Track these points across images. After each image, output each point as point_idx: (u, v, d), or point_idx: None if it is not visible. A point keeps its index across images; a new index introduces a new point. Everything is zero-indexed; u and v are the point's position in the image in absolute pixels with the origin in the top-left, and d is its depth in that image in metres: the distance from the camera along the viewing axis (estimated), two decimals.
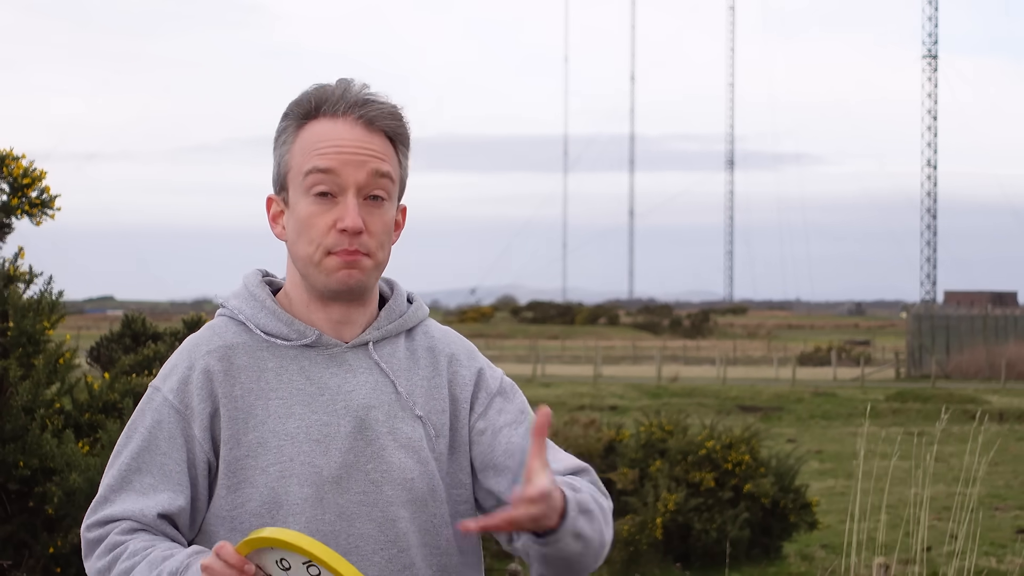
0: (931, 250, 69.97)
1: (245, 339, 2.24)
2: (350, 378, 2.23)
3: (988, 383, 38.12)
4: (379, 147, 2.21)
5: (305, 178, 2.19)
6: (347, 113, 2.21)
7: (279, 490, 2.16)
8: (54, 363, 5.81)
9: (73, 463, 5.50)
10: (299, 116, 2.23)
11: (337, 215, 2.17)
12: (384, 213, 2.21)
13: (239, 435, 2.18)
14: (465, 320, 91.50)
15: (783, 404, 30.81)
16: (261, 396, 2.20)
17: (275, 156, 2.26)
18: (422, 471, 2.22)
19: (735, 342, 70.28)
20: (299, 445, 2.17)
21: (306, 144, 2.20)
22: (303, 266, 2.22)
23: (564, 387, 34.71)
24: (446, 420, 2.28)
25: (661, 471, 12.05)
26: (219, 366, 2.21)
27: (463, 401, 2.29)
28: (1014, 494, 16.44)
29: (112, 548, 2.13)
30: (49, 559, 5.62)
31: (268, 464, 2.17)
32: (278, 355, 2.23)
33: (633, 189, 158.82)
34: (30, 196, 5.89)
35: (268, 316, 2.25)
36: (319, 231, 2.18)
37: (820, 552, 12.56)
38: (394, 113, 2.24)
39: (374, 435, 2.21)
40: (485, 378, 2.32)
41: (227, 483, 2.18)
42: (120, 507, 2.15)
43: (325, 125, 2.20)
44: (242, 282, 2.32)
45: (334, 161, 2.18)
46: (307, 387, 2.21)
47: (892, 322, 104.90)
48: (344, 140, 2.19)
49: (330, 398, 2.21)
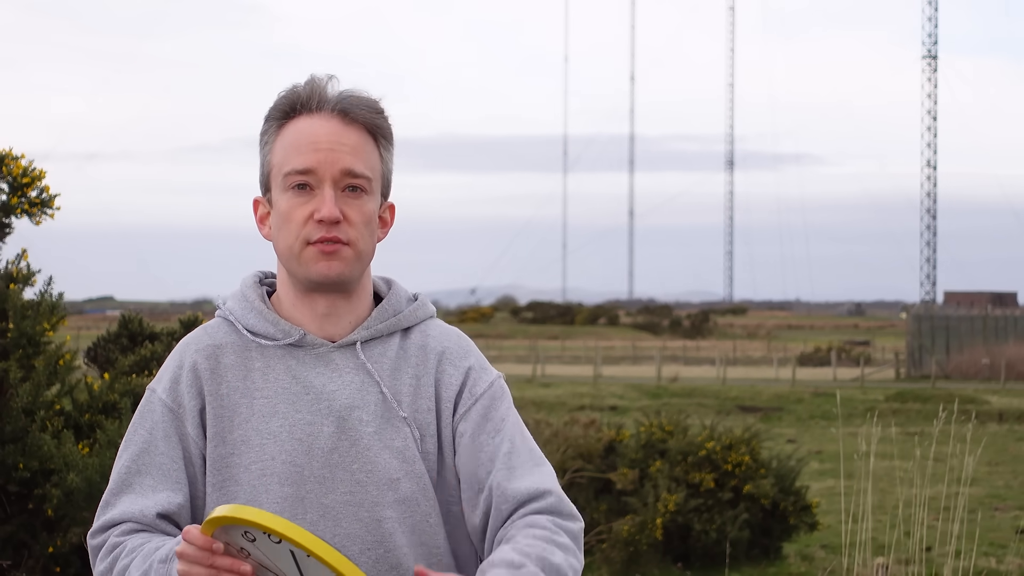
0: (931, 250, 69.97)
1: (234, 339, 2.27)
2: (335, 378, 2.23)
3: (988, 383, 38.11)
4: (356, 140, 2.22)
5: (285, 178, 2.22)
6: (322, 108, 2.23)
7: (260, 488, 2.18)
8: (54, 365, 5.80)
9: (72, 463, 5.49)
10: (279, 117, 2.25)
11: (315, 206, 2.19)
12: (363, 204, 2.22)
13: (224, 433, 2.21)
14: (465, 320, 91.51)
15: (783, 404, 30.81)
16: (247, 395, 2.22)
17: (260, 158, 2.29)
18: (408, 471, 2.22)
19: (735, 342, 70.28)
20: (281, 444, 2.19)
21: (285, 143, 2.23)
22: (286, 260, 2.24)
23: (564, 387, 34.70)
24: (432, 419, 2.27)
25: (661, 471, 12.05)
26: (206, 364, 2.24)
27: (447, 400, 2.28)
28: (1014, 494, 16.43)
29: (112, 549, 2.16)
30: (49, 559, 5.62)
31: (251, 462, 2.19)
32: (265, 355, 2.25)
33: (633, 189, 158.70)
34: (29, 196, 5.89)
35: (255, 316, 2.27)
36: (297, 223, 2.20)
37: (820, 552, 12.55)
38: (372, 106, 2.25)
39: (358, 435, 2.21)
40: (472, 378, 2.30)
41: (213, 480, 2.21)
42: (119, 510, 2.19)
43: (303, 123, 2.23)
44: (239, 283, 2.34)
45: (311, 158, 2.20)
46: (292, 386, 2.22)
47: (892, 322, 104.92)
48: (320, 134, 2.21)
49: (314, 398, 2.22)
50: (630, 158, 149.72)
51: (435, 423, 2.27)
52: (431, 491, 2.24)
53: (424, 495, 2.23)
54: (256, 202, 2.31)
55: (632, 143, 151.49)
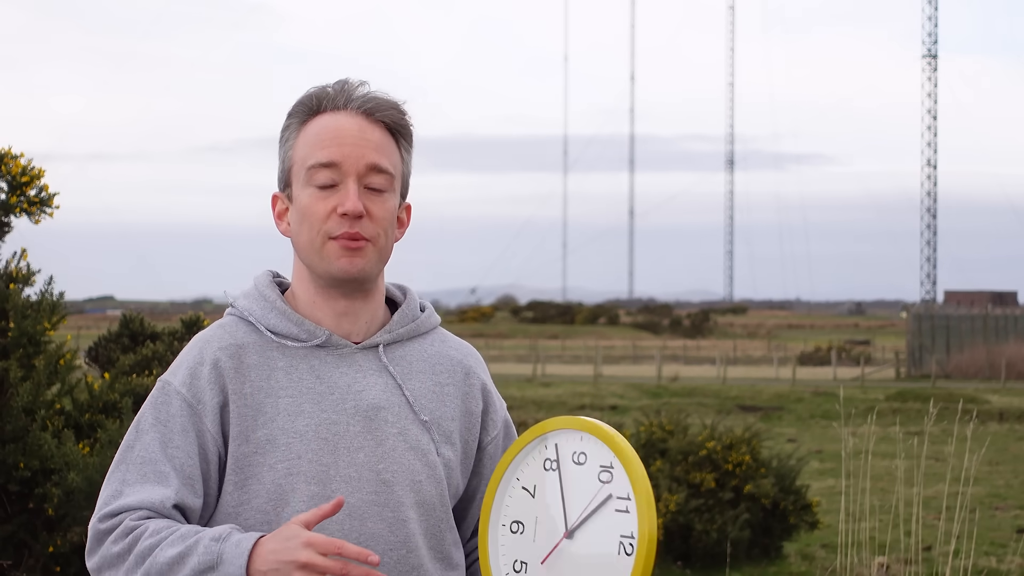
0: (931, 250, 69.95)
1: (255, 339, 2.25)
2: (360, 378, 2.23)
3: (988, 383, 38.10)
4: (379, 138, 2.23)
5: (308, 171, 2.21)
6: (348, 107, 2.23)
7: (286, 487, 2.16)
8: (55, 364, 5.80)
9: (72, 463, 5.49)
10: (303, 113, 2.25)
11: (338, 200, 2.19)
12: (385, 201, 2.23)
13: (247, 432, 2.18)
14: (465, 320, 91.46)
15: (783, 404, 30.80)
16: (271, 394, 2.20)
17: (280, 153, 2.28)
18: (429, 475, 2.24)
19: (735, 342, 70.26)
20: (308, 443, 2.18)
21: (309, 138, 2.22)
22: (306, 255, 2.23)
23: (564, 387, 34.68)
24: (455, 428, 2.29)
25: (662, 471, 12.04)
26: (230, 362, 2.21)
27: (474, 416, 2.32)
28: (1014, 494, 16.43)
29: (129, 531, 2.09)
30: (49, 558, 5.62)
31: (276, 461, 2.17)
32: (288, 354, 2.24)
33: (633, 189, 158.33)
34: (28, 195, 5.88)
35: (278, 317, 2.25)
36: (319, 217, 2.20)
37: (820, 552, 12.55)
38: (395, 106, 2.26)
39: (384, 435, 2.22)
40: (494, 399, 2.38)
41: (234, 479, 2.18)
42: (136, 497, 2.12)
43: (327, 119, 2.23)
44: (253, 283, 2.32)
45: (335, 152, 2.20)
46: (317, 386, 2.22)
47: (892, 322, 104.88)
48: (345, 131, 2.21)
49: (339, 397, 2.21)
50: (630, 157, 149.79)
51: (458, 434, 2.30)
52: (447, 496, 2.27)
53: (440, 499, 2.25)
54: (275, 198, 2.30)
55: (632, 143, 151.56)
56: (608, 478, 1.96)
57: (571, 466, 2.02)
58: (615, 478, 1.95)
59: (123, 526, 2.09)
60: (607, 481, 1.96)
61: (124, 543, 2.08)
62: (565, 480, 2.02)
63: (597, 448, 1.99)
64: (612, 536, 1.95)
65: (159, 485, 2.13)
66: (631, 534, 1.93)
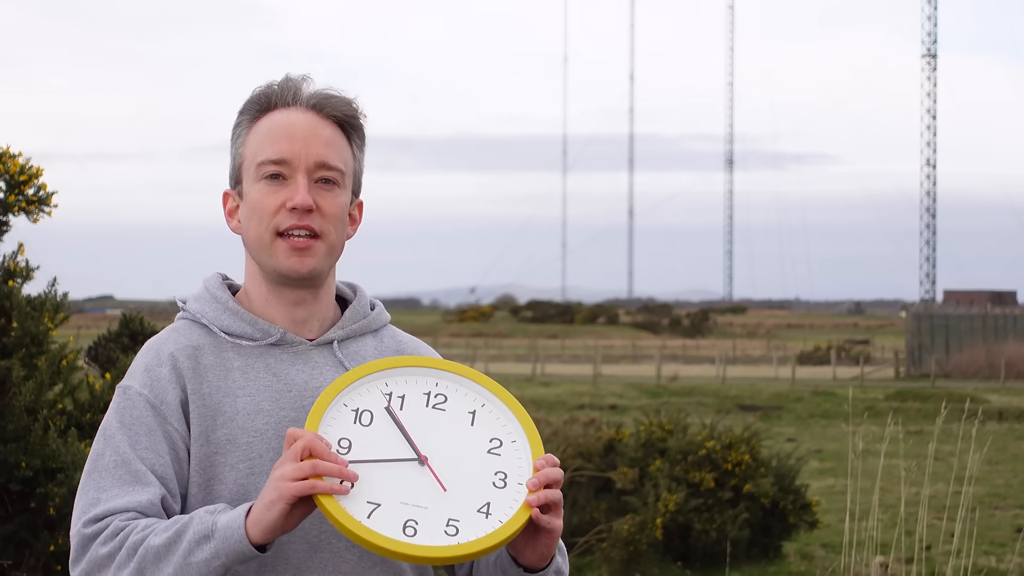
0: (931, 249, 70.00)
1: (209, 340, 2.26)
2: (317, 375, 2.25)
3: (988, 382, 38.11)
4: (330, 134, 2.24)
5: (258, 167, 2.22)
6: (297, 103, 2.25)
7: (249, 486, 2.17)
8: (57, 364, 5.80)
9: (78, 463, 5.49)
10: (254, 111, 2.27)
11: (287, 195, 2.21)
12: (336, 197, 2.24)
13: (207, 432, 2.19)
14: (465, 319, 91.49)
15: (783, 403, 30.81)
16: (229, 394, 2.21)
17: (231, 151, 2.29)
18: None
19: (734, 341, 70.27)
20: (269, 442, 2.19)
21: (260, 135, 2.24)
22: (255, 251, 2.25)
23: (564, 386, 34.69)
24: None
25: (661, 471, 12.05)
26: (187, 363, 2.22)
27: None
28: (1014, 493, 16.44)
29: (117, 532, 2.09)
30: (49, 557, 5.62)
31: (238, 461, 2.18)
32: (243, 354, 2.25)
33: (632, 189, 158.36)
34: (27, 193, 5.88)
35: (231, 317, 2.26)
36: (269, 211, 2.21)
37: (820, 551, 12.56)
38: (346, 102, 2.27)
39: None
40: None
41: (198, 480, 2.19)
42: (122, 500, 2.12)
43: (278, 115, 2.25)
44: (203, 285, 2.33)
45: (285, 148, 2.21)
46: (274, 384, 2.23)
47: (892, 321, 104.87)
48: (295, 127, 2.22)
49: (297, 394, 2.23)
50: (629, 157, 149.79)
51: None
52: None
53: None
54: (226, 195, 2.31)
55: (632, 142, 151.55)
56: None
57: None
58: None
59: (112, 527, 2.09)
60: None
61: (114, 542, 2.08)
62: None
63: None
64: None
65: (140, 486, 2.13)
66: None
